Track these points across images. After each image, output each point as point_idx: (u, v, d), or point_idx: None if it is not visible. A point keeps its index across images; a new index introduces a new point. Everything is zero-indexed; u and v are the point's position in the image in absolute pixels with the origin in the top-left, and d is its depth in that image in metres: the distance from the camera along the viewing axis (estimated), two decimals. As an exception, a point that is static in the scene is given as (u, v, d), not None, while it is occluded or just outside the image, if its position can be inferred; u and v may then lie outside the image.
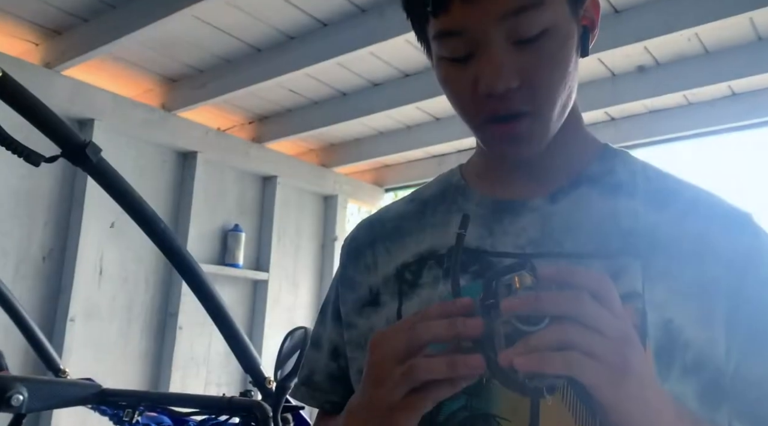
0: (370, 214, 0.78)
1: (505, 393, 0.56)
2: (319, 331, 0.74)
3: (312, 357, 0.73)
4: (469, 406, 0.57)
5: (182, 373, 2.96)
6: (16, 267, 2.47)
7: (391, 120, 3.23)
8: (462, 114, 0.62)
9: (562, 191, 0.64)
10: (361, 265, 0.70)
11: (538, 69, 0.56)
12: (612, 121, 3.06)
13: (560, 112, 0.60)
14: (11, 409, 1.25)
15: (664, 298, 0.57)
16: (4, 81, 0.82)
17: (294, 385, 0.73)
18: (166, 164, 3.04)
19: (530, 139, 0.59)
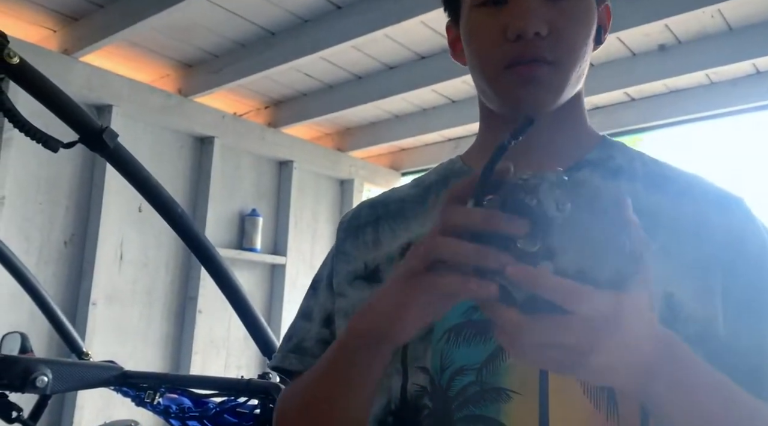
0: (372, 197, 0.80)
1: (515, 367, 0.58)
2: (309, 304, 0.75)
3: (302, 327, 0.74)
4: (479, 380, 0.59)
5: (202, 356, 3.01)
6: (39, 252, 2.52)
7: (406, 103, 3.21)
8: (484, 62, 0.64)
9: (566, 172, 0.65)
10: (360, 242, 0.72)
11: (566, 23, 0.61)
12: (632, 101, 3.01)
13: (576, 77, 0.63)
14: (36, 390, 1.28)
15: (665, 274, 0.59)
16: (22, 68, 0.82)
17: (280, 356, 0.73)
18: (183, 150, 3.06)
19: (548, 86, 0.62)
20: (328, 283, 0.73)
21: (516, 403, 0.57)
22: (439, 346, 0.61)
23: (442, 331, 0.61)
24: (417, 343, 0.62)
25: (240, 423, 1.37)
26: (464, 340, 0.60)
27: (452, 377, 0.60)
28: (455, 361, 0.60)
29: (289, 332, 0.75)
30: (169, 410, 1.39)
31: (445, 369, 0.60)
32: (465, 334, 0.60)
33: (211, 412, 1.35)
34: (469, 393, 0.59)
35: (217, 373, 3.09)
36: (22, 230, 2.47)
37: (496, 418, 0.57)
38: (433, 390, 0.60)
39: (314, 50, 2.46)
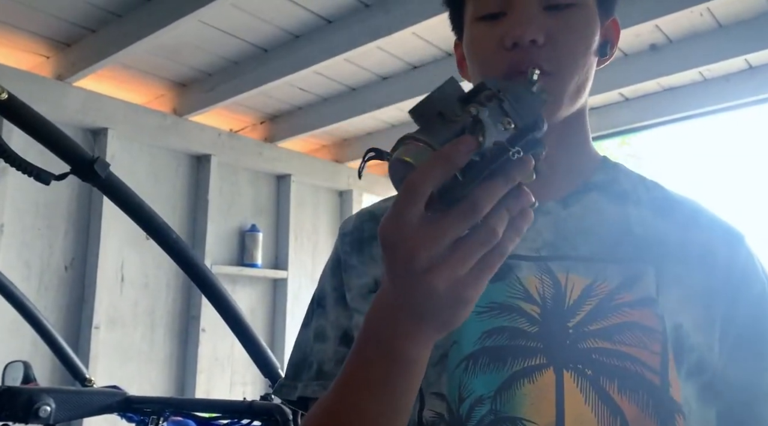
0: (370, 205, 0.76)
1: (530, 395, 0.57)
2: (321, 324, 0.70)
3: (318, 349, 0.68)
4: (494, 409, 0.57)
5: (207, 375, 3.00)
6: (40, 278, 2.52)
7: (401, 113, 3.22)
8: (481, 72, 0.64)
9: (573, 196, 0.65)
10: (366, 257, 0.70)
11: (564, 32, 0.61)
12: (626, 101, 3.02)
13: (575, 90, 0.62)
14: (40, 421, 1.28)
15: (675, 304, 0.59)
16: (11, 103, 0.82)
17: (300, 386, 0.67)
18: (180, 169, 3.06)
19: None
20: (338, 297, 0.69)
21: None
22: (456, 374, 0.59)
23: (458, 358, 0.60)
24: (430, 367, 0.59)
25: (245, 444, 1.36)
26: (481, 369, 0.59)
27: (472, 407, 0.58)
28: (475, 390, 0.59)
29: (304, 354, 0.69)
30: (174, 434, 1.39)
31: (464, 399, 0.59)
32: (481, 362, 0.59)
33: (215, 435, 1.34)
34: (486, 423, 0.57)
35: (223, 390, 3.08)
36: (22, 257, 2.47)
37: None
38: (451, 419, 0.59)
39: (307, 65, 2.47)
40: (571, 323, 0.58)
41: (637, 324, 0.58)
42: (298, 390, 0.67)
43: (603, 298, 0.59)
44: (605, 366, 0.57)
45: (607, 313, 0.58)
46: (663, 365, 0.57)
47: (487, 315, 0.60)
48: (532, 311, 0.59)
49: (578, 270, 0.60)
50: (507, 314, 0.60)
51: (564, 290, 0.60)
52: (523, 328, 0.59)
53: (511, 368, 0.58)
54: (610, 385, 0.56)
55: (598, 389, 0.56)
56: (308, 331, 0.71)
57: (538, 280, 0.60)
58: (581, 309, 0.59)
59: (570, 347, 0.58)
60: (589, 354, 0.57)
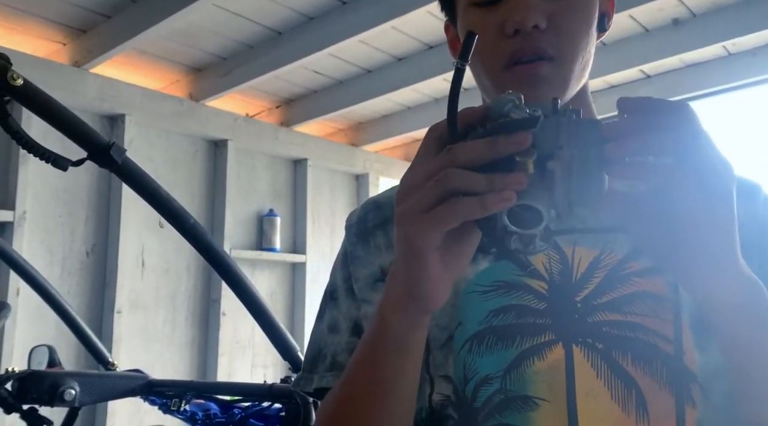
0: (376, 195, 0.76)
1: (540, 373, 0.56)
2: (334, 316, 0.70)
3: (331, 341, 0.69)
4: (504, 388, 0.57)
5: (228, 358, 3.03)
6: (62, 263, 2.56)
7: (418, 94, 3.19)
8: (482, 61, 0.63)
9: None
10: (371, 246, 0.70)
11: (564, 16, 0.59)
12: (647, 78, 2.95)
13: (580, 70, 0.61)
14: (65, 404, 1.30)
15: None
16: (27, 89, 0.82)
17: (315, 378, 0.68)
18: (198, 154, 3.08)
19: (552, 83, 0.59)
20: (347, 288, 0.70)
21: (544, 410, 0.56)
22: (461, 355, 0.59)
23: (463, 339, 0.59)
24: (438, 350, 0.60)
25: (266, 427, 1.37)
26: (487, 348, 0.58)
27: (477, 388, 0.58)
28: (479, 370, 0.58)
29: (319, 347, 0.70)
30: (196, 417, 1.40)
31: (469, 379, 0.58)
32: (488, 342, 0.58)
33: (236, 417, 1.36)
34: (495, 402, 0.57)
35: (244, 373, 3.12)
36: (45, 243, 2.51)
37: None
38: (457, 401, 0.59)
39: (322, 47, 2.45)
40: (580, 297, 0.57)
41: (647, 293, 0.57)
42: (314, 381, 0.68)
43: (611, 269, 0.58)
44: (617, 338, 0.56)
45: (616, 284, 0.57)
46: (677, 333, 0.56)
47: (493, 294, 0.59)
48: (539, 287, 0.59)
49: (585, 242, 0.59)
50: (514, 292, 0.59)
51: (571, 264, 0.59)
52: (530, 305, 0.58)
53: (520, 346, 0.57)
54: (623, 358, 0.55)
55: (610, 362, 0.55)
56: (322, 324, 0.72)
57: (544, 256, 0.59)
58: (589, 282, 0.58)
59: (579, 322, 0.57)
60: (600, 327, 0.56)
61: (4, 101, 0.82)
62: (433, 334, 0.60)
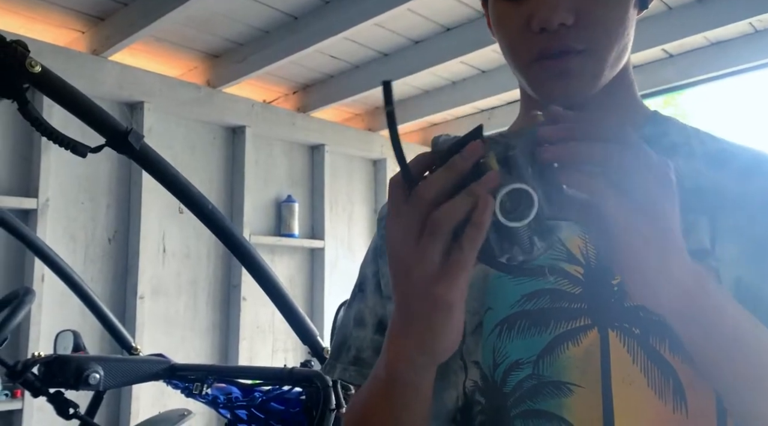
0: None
1: (575, 358, 0.55)
2: (360, 308, 0.71)
3: (357, 335, 0.70)
4: (536, 374, 0.56)
5: (249, 342, 3.07)
6: (85, 250, 2.60)
7: (435, 77, 3.16)
8: (511, 54, 0.61)
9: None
10: None
11: (594, 8, 0.56)
12: (670, 58, 2.88)
13: (615, 58, 0.59)
14: (90, 387, 1.33)
15: (735, 256, 0.55)
16: (45, 76, 0.83)
17: (339, 367, 0.69)
18: (216, 141, 3.09)
19: (581, 75, 0.58)
20: (376, 283, 0.70)
21: (577, 396, 0.54)
22: (490, 340, 0.58)
23: (492, 324, 0.58)
24: (469, 336, 0.59)
25: (287, 410, 1.39)
26: (518, 333, 0.57)
27: (507, 373, 0.57)
28: (510, 355, 0.57)
29: (345, 336, 0.71)
30: (218, 400, 1.42)
31: (498, 364, 0.57)
32: (519, 326, 0.57)
33: (257, 401, 1.37)
34: (526, 387, 0.56)
35: (265, 357, 3.15)
36: (68, 230, 2.55)
37: (557, 413, 0.54)
38: (485, 386, 0.58)
39: (338, 31, 2.43)
40: (616, 281, 0.56)
41: None
42: (337, 371, 0.69)
43: None
44: (654, 324, 0.54)
45: None
46: None
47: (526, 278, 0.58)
48: (575, 272, 0.57)
49: None
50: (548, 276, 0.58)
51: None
52: (565, 289, 0.57)
53: (554, 331, 0.56)
54: (661, 345, 0.54)
55: (647, 349, 0.54)
56: (350, 313, 0.72)
57: (581, 240, 0.58)
58: None
59: (615, 306, 0.55)
60: (636, 312, 0.55)
61: (24, 89, 0.83)
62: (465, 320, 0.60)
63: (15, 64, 0.78)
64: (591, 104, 0.60)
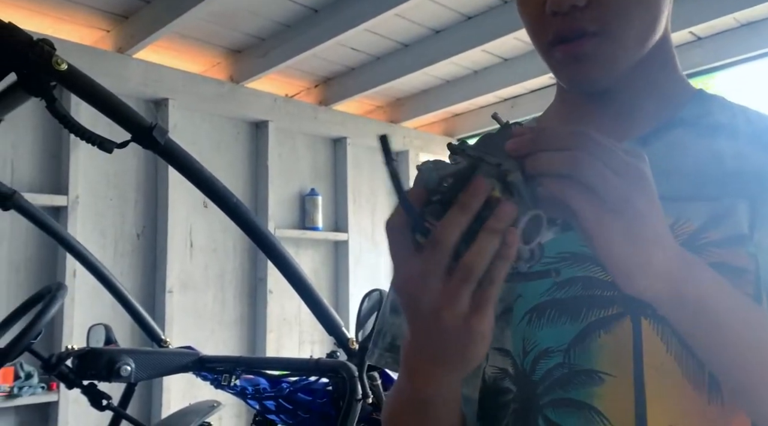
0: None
1: (607, 347, 0.54)
2: (395, 297, 0.71)
3: (393, 322, 0.70)
4: (567, 362, 0.55)
5: (276, 334, 3.10)
6: (114, 245, 2.65)
7: (456, 67, 3.13)
8: (533, 39, 0.61)
9: (654, 133, 0.60)
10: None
11: None
12: (698, 40, 2.81)
13: (638, 36, 0.57)
14: (121, 379, 1.36)
15: None
16: (71, 73, 0.84)
17: (377, 353, 0.70)
18: (240, 136, 3.12)
19: (596, 59, 0.56)
20: None
21: (609, 385, 0.53)
22: (520, 327, 0.57)
23: (522, 311, 0.58)
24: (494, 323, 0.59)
25: (314, 400, 1.40)
26: (548, 321, 0.56)
27: (536, 360, 0.56)
28: (539, 343, 0.56)
29: (381, 325, 0.71)
30: (246, 391, 1.44)
31: (528, 352, 0.57)
32: (549, 314, 0.56)
33: (285, 391, 1.39)
34: (556, 376, 0.55)
35: (292, 349, 3.18)
36: (97, 226, 2.60)
37: (588, 402, 0.54)
38: (516, 373, 0.57)
39: (358, 22, 2.42)
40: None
41: (725, 264, 0.52)
42: (375, 357, 0.70)
43: (686, 239, 0.54)
44: None
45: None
46: None
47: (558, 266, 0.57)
48: None
49: None
50: (580, 264, 0.56)
51: None
52: (598, 277, 0.55)
53: (586, 319, 0.55)
54: None
55: (682, 338, 0.52)
56: (387, 301, 0.73)
57: None
58: None
59: None
60: None
61: (51, 86, 0.84)
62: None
63: (42, 62, 0.80)
64: (621, 86, 0.58)
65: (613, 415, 0.53)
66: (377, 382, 1.21)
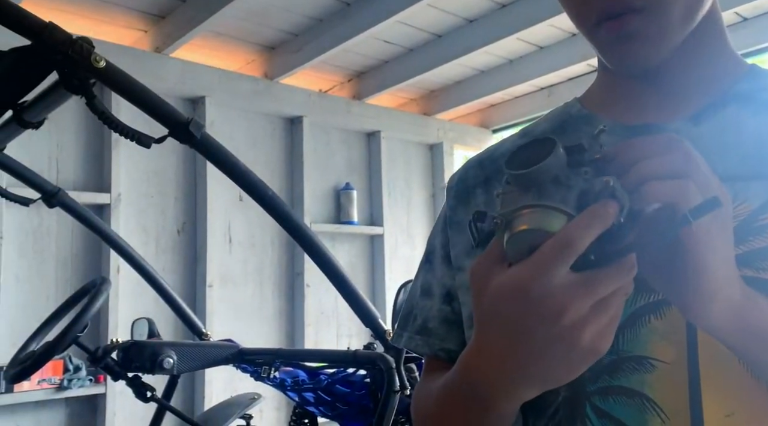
0: (477, 153, 0.72)
1: (658, 332, 0.51)
2: (428, 279, 0.70)
3: (424, 305, 0.69)
4: (616, 348, 0.52)
5: (315, 328, 3.13)
6: (156, 242, 2.71)
7: (491, 56, 3.09)
8: (575, 21, 0.58)
9: (705, 112, 0.56)
10: (472, 206, 0.66)
11: None
12: (743, 21, 2.70)
13: (685, 10, 0.54)
14: (164, 371, 1.38)
15: None
16: (109, 70, 0.86)
17: (405, 336, 0.69)
18: (276, 132, 3.15)
19: (645, 38, 0.53)
20: (444, 254, 0.68)
21: (661, 373, 0.51)
22: None
23: None
24: None
25: (352, 392, 1.41)
26: None
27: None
28: None
29: (411, 306, 0.70)
30: (285, 383, 1.46)
31: None
32: None
33: (323, 383, 1.40)
34: (605, 363, 0.53)
35: (330, 342, 3.21)
36: (139, 223, 2.67)
37: (639, 390, 0.51)
38: None
39: (390, 14, 2.41)
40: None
41: None
42: (404, 339, 0.69)
43: (743, 221, 0.51)
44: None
45: (748, 237, 0.51)
46: None
47: None
48: None
49: None
50: None
51: None
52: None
53: (635, 304, 0.52)
54: None
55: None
56: (416, 284, 0.71)
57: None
58: None
59: None
60: None
61: (90, 84, 0.86)
62: None
63: (81, 59, 0.81)
64: (669, 63, 0.56)
65: (666, 403, 0.50)
66: (415, 374, 1.21)
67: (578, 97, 0.67)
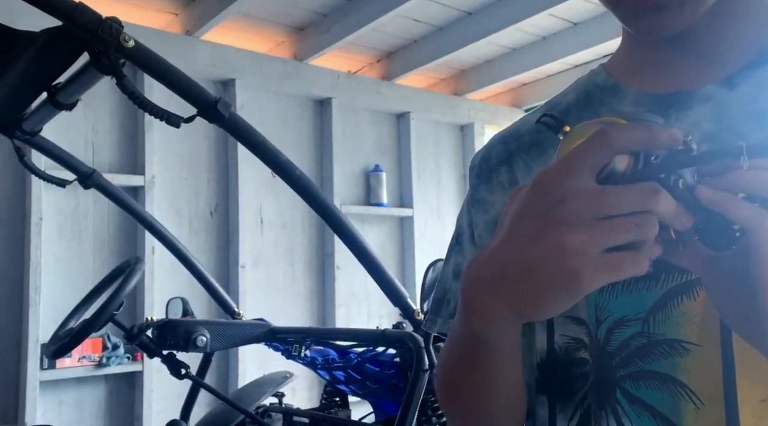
0: (501, 130, 0.70)
1: (690, 314, 0.49)
2: (458, 261, 0.68)
3: (455, 288, 0.67)
4: (646, 331, 0.51)
5: (345, 309, 3.15)
6: (189, 223, 2.76)
7: (522, 33, 3.02)
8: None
9: (740, 74, 0.53)
10: (495, 184, 0.65)
11: None
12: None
13: None
14: (198, 349, 1.41)
15: None
16: (138, 50, 0.86)
17: (439, 322, 0.68)
18: (305, 113, 3.15)
19: (681, 4, 0.49)
20: (471, 234, 0.66)
21: (694, 356, 0.49)
22: (592, 296, 0.53)
23: None
24: None
25: (381, 371, 1.41)
26: (624, 288, 0.52)
27: (611, 330, 0.52)
28: (613, 312, 0.53)
29: (444, 290, 0.68)
30: (316, 362, 1.47)
31: (601, 322, 0.53)
32: (624, 281, 0.52)
33: (353, 362, 1.41)
34: (635, 346, 0.51)
35: (361, 322, 3.23)
36: (173, 205, 2.71)
37: (672, 374, 0.50)
38: (591, 343, 0.54)
39: (419, -8, 2.38)
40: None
41: None
42: (438, 325, 0.68)
43: None
44: None
45: None
46: None
47: None
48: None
49: None
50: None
51: None
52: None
53: (666, 285, 0.50)
54: None
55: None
56: (448, 268, 0.70)
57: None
58: None
59: None
60: None
61: (121, 64, 0.87)
62: None
63: (111, 39, 0.82)
64: (701, 25, 0.52)
65: (700, 388, 0.49)
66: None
67: (603, 64, 0.64)
